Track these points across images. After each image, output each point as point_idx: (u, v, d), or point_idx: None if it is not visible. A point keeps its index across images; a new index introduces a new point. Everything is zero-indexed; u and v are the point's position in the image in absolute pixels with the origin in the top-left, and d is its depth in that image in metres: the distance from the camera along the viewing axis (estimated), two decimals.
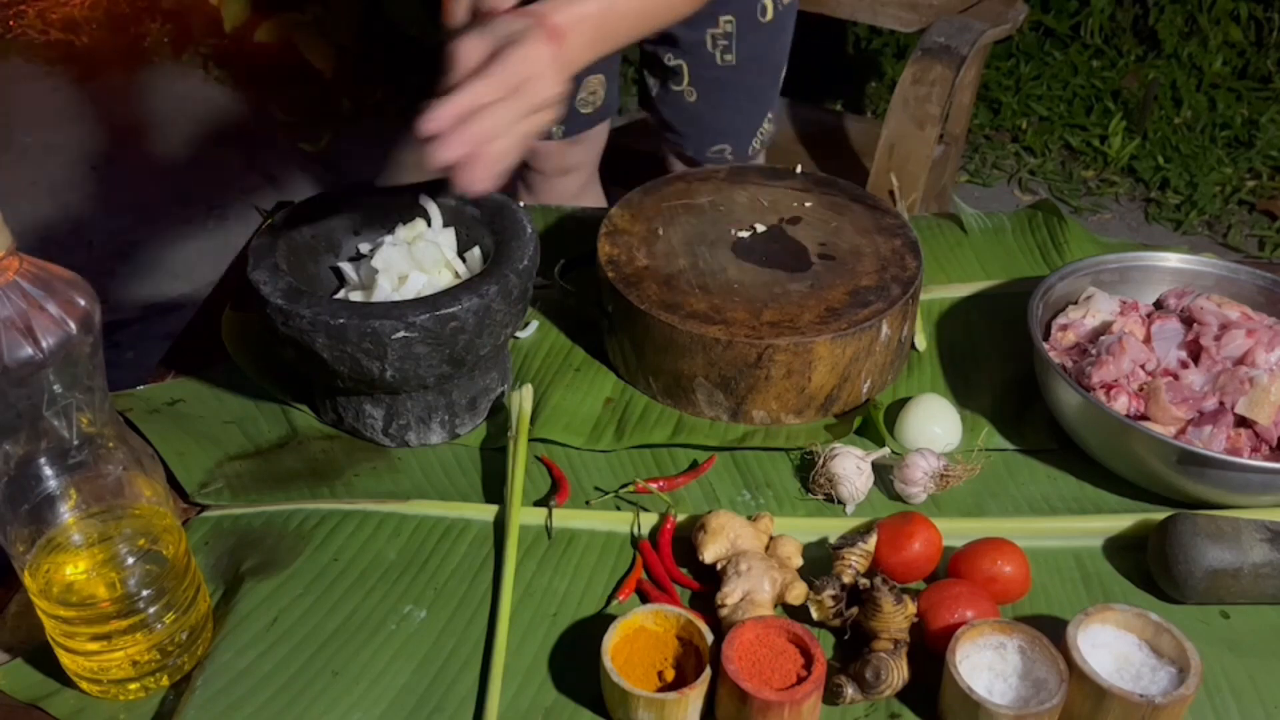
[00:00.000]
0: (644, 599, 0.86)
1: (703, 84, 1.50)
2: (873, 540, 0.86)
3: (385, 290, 0.96)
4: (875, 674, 0.76)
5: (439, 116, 0.83)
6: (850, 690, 0.77)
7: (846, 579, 0.83)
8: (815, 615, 0.82)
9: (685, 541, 0.89)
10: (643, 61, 1.58)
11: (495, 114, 0.85)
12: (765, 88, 1.55)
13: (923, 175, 1.84)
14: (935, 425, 1.00)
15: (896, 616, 0.78)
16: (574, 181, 1.68)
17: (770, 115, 1.58)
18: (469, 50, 0.87)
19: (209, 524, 0.92)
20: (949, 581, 0.84)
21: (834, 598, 0.82)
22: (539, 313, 1.16)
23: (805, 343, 0.97)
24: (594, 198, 1.74)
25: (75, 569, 0.73)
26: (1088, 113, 3.14)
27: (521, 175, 1.67)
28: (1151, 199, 2.91)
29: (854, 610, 0.81)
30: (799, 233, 1.11)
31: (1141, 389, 0.97)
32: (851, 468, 0.93)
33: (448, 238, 1.02)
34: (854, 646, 0.81)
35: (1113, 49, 3.25)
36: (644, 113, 1.66)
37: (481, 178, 0.85)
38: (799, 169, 1.22)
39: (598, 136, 1.66)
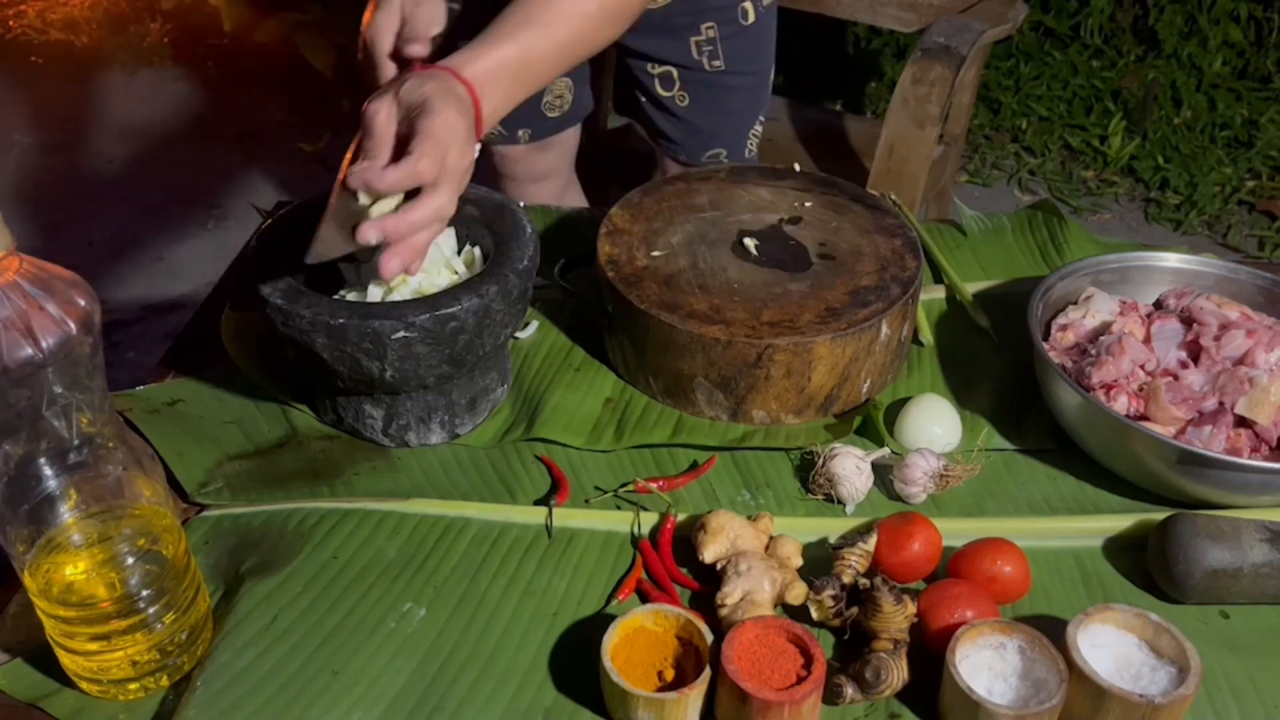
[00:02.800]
0: (644, 599, 0.86)
1: (693, 88, 1.49)
2: (873, 540, 0.86)
3: (374, 294, 0.96)
4: (875, 674, 0.76)
5: (382, 228, 0.82)
6: (850, 690, 0.77)
7: (846, 579, 0.83)
8: (815, 615, 0.82)
9: (685, 541, 0.89)
10: (622, 77, 1.56)
11: (425, 207, 0.84)
12: (757, 89, 1.55)
13: (923, 175, 1.84)
14: (935, 425, 1.00)
15: (896, 616, 0.78)
16: (549, 188, 1.65)
17: (761, 117, 1.57)
18: (381, 116, 0.85)
19: (209, 524, 0.92)
20: (949, 581, 0.84)
21: (834, 598, 0.82)
22: (539, 313, 1.16)
23: (805, 343, 0.97)
24: (573, 202, 1.71)
25: (75, 569, 0.73)
26: (1088, 113, 3.14)
27: (496, 184, 1.64)
28: (1151, 199, 2.91)
29: (854, 610, 0.81)
30: (799, 233, 1.11)
31: (1141, 389, 0.97)
32: (851, 468, 0.93)
33: (447, 238, 1.02)
34: (854, 646, 0.81)
35: (1113, 49, 3.25)
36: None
37: (409, 262, 0.85)
38: (798, 169, 1.22)
39: (567, 140, 1.63)
